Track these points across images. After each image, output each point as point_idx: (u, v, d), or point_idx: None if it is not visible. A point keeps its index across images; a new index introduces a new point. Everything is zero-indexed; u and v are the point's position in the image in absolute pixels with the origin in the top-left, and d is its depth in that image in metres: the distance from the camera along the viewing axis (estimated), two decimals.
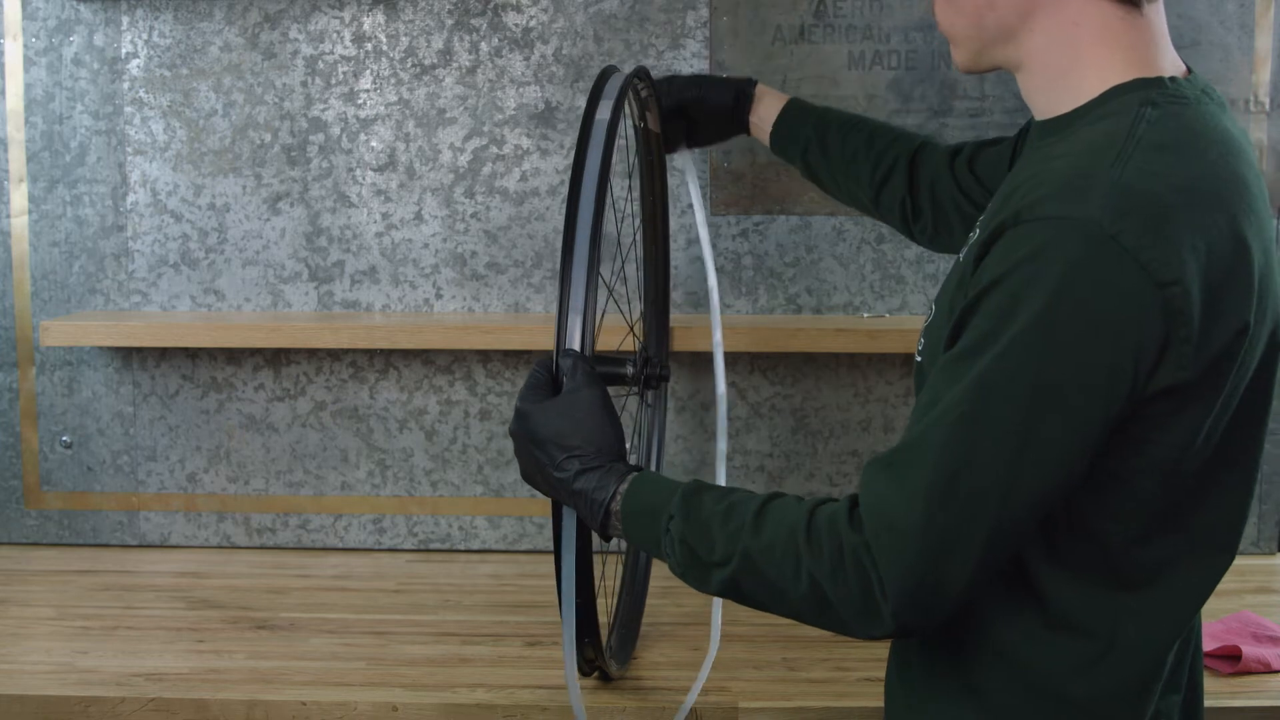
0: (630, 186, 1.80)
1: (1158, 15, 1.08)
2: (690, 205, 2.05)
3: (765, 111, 1.61)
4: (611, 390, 1.30)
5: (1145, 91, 1.04)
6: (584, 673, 1.53)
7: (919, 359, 1.17)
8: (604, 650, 1.61)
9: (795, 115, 1.60)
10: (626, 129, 1.73)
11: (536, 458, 1.21)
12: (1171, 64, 1.07)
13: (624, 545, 1.91)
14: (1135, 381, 0.97)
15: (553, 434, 1.20)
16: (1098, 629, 1.07)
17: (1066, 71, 1.07)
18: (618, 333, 1.64)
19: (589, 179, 1.29)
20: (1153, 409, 0.99)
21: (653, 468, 1.89)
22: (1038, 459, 0.97)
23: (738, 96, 1.62)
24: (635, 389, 1.49)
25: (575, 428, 1.20)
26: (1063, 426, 0.97)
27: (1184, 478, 1.04)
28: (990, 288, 0.98)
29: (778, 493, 1.10)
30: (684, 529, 1.10)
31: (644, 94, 1.59)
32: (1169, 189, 0.97)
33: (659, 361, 1.54)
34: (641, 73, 1.52)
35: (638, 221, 1.84)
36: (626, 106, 1.51)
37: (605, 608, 1.69)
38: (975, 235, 1.10)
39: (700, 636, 1.76)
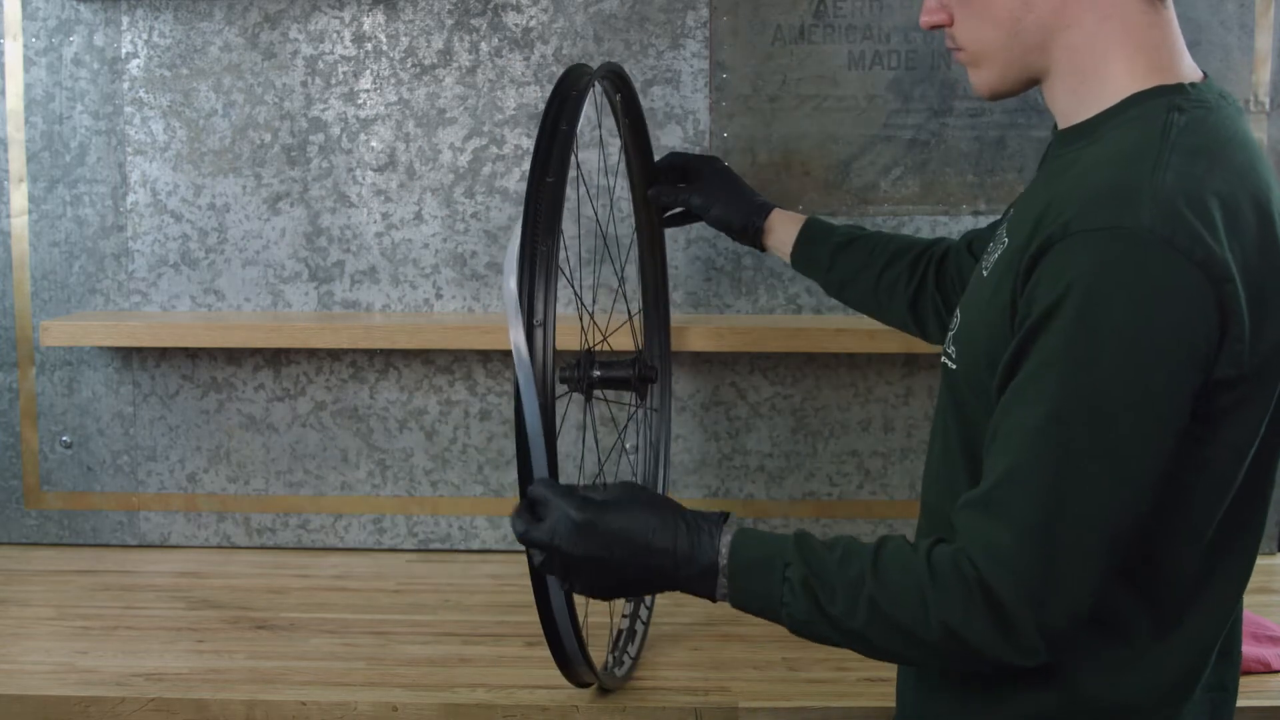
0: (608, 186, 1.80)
1: (1173, 16, 1.10)
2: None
3: (783, 237, 1.65)
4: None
5: (1169, 97, 1.06)
6: (578, 685, 1.52)
7: (953, 366, 1.16)
8: (603, 664, 1.60)
9: (814, 239, 1.63)
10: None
11: (621, 547, 1.11)
12: (1189, 68, 1.10)
13: None
14: (1206, 374, 0.99)
15: (628, 512, 1.11)
16: (1134, 633, 1.07)
17: (1094, 71, 1.09)
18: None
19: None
20: (1207, 406, 1.01)
21: (660, 480, 1.88)
22: (1138, 470, 0.99)
23: (750, 223, 1.65)
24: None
25: (650, 512, 1.12)
26: (1153, 429, 0.98)
27: (1233, 480, 1.05)
28: (1054, 308, 0.99)
29: (885, 537, 1.08)
30: (805, 573, 1.06)
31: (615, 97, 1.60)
32: (1209, 193, 0.99)
33: (644, 361, 1.51)
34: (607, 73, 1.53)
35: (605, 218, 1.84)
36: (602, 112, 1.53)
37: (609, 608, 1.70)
38: (1005, 244, 1.10)
39: (703, 637, 1.76)
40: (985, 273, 1.13)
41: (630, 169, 1.78)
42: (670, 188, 1.70)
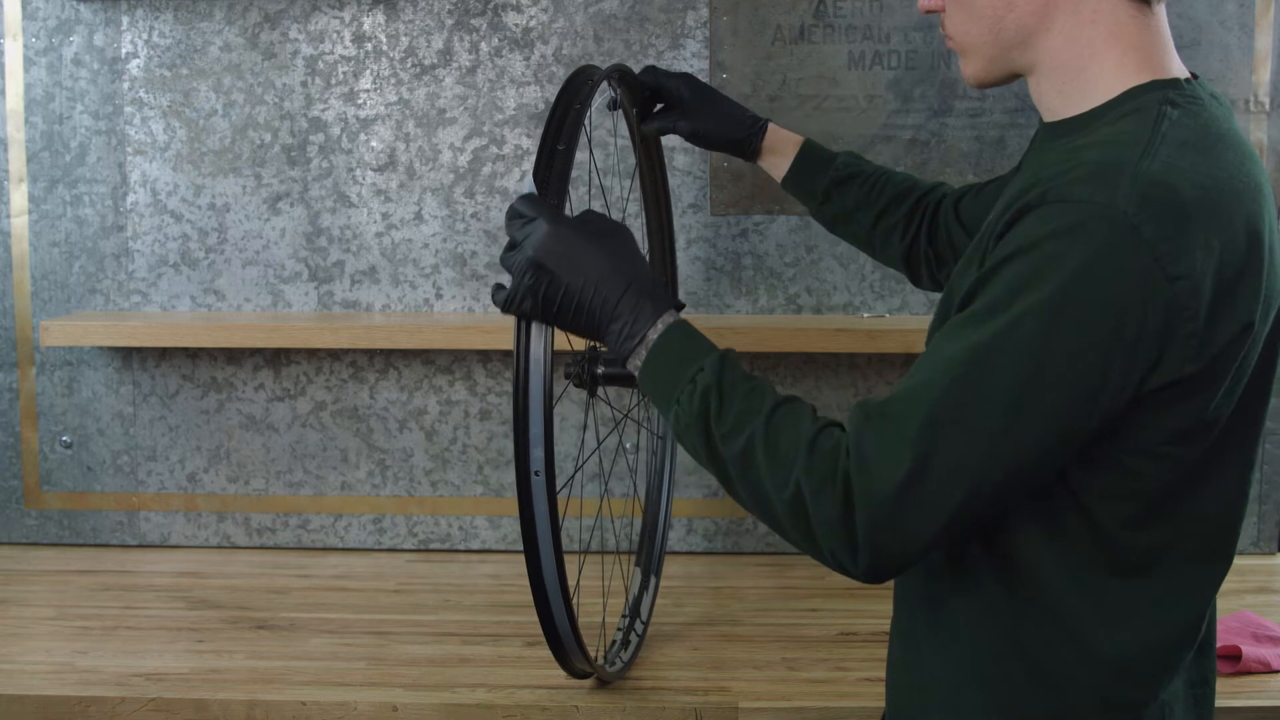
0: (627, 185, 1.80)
1: (1164, 17, 1.10)
2: (691, 205, 2.05)
3: (778, 159, 1.61)
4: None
5: (1164, 91, 1.06)
6: (576, 676, 1.53)
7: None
8: (601, 655, 1.61)
9: (811, 166, 1.60)
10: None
11: (582, 258, 1.14)
12: (1178, 67, 1.10)
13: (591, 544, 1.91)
14: (1130, 369, 0.99)
15: (601, 248, 1.15)
16: (1092, 615, 1.07)
17: (1081, 71, 1.09)
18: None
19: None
20: (1156, 399, 1.01)
21: (664, 498, 1.88)
22: (1025, 431, 0.99)
23: (747, 137, 1.60)
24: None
25: (626, 250, 1.17)
26: (1056, 403, 0.98)
27: (1181, 466, 1.05)
28: (1010, 258, 1.00)
29: (796, 398, 1.10)
30: (710, 384, 1.09)
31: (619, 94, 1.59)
32: (1192, 186, 1.00)
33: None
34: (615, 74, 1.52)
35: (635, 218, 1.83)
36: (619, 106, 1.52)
37: (604, 607, 1.70)
38: (988, 220, 1.11)
39: (703, 637, 1.76)
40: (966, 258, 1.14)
41: (643, 178, 1.77)
42: (661, 119, 1.64)
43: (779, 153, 1.61)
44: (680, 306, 1.17)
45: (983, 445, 0.98)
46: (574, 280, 1.15)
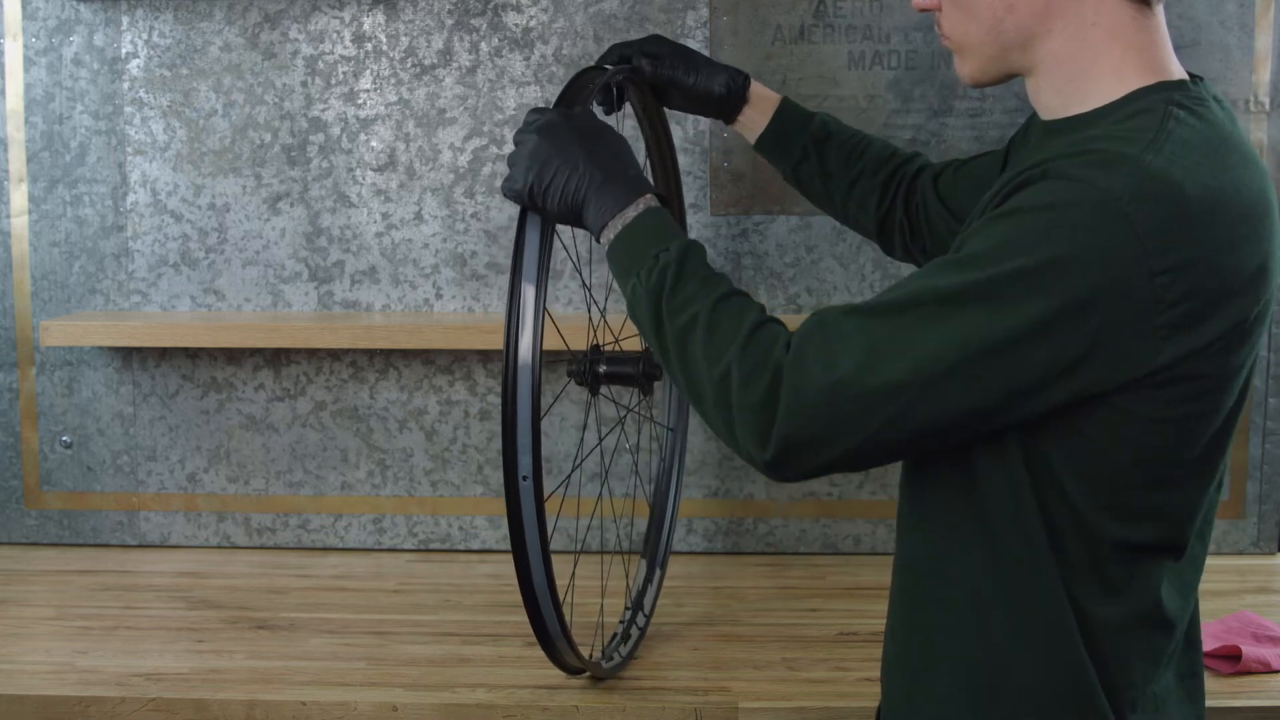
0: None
1: (1162, 18, 1.11)
2: (691, 205, 2.05)
3: (756, 115, 1.59)
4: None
5: (1170, 93, 1.07)
6: (570, 673, 1.54)
7: None
8: (602, 650, 1.61)
9: (789, 125, 1.58)
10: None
11: (578, 143, 1.23)
12: (1178, 68, 1.10)
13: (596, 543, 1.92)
14: (1087, 357, 0.99)
15: (600, 135, 1.25)
16: (1080, 608, 1.08)
17: (1082, 73, 1.09)
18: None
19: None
20: (1132, 390, 1.01)
21: (672, 488, 1.88)
22: (963, 386, 1.00)
23: (729, 93, 1.57)
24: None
25: (622, 146, 1.26)
26: (999, 370, 0.99)
27: (1164, 459, 1.05)
28: (1000, 218, 1.01)
29: (742, 292, 1.13)
30: (670, 262, 1.13)
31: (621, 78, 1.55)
32: (1194, 185, 1.00)
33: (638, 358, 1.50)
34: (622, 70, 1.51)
35: None
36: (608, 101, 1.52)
37: (602, 607, 1.70)
38: (984, 198, 1.11)
39: (703, 637, 1.76)
40: None
41: (655, 176, 1.76)
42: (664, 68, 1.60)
43: (757, 108, 1.59)
44: (664, 198, 1.22)
45: (916, 387, 1.00)
46: (569, 156, 1.22)
